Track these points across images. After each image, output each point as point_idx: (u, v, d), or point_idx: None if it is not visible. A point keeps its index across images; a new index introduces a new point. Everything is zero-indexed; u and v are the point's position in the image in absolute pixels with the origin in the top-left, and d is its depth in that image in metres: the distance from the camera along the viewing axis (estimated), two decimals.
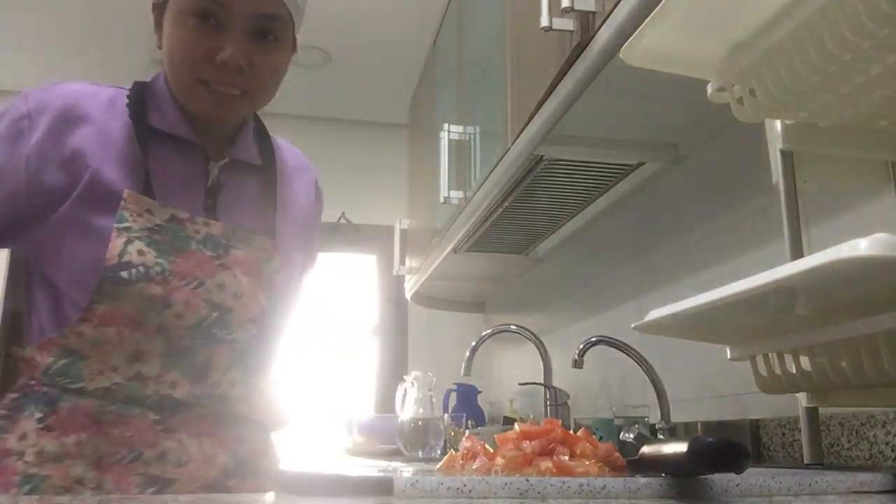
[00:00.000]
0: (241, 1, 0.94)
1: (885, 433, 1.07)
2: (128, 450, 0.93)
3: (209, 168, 1.04)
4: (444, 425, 2.32)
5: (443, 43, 2.67)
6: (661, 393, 1.62)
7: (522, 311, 2.90)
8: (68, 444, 0.91)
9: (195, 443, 0.97)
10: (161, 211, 0.97)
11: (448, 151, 2.21)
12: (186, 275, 0.96)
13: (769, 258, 1.35)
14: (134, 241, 0.94)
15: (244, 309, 1.00)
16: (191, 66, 0.96)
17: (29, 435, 0.92)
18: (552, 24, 1.29)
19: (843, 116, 0.90)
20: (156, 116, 1.02)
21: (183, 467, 0.95)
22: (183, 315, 0.95)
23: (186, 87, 0.98)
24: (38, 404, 0.93)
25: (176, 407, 0.96)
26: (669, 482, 0.58)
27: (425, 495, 0.57)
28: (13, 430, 0.93)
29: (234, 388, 1.00)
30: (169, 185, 1.00)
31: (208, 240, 0.99)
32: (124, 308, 0.92)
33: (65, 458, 0.91)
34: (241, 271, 1.01)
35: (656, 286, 1.82)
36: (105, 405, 0.93)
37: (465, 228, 2.18)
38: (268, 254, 1.05)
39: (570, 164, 1.75)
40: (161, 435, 0.94)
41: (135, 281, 0.92)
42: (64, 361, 0.93)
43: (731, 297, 0.77)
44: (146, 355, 0.94)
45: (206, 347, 0.97)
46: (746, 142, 1.46)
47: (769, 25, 0.84)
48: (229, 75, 0.96)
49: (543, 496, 0.57)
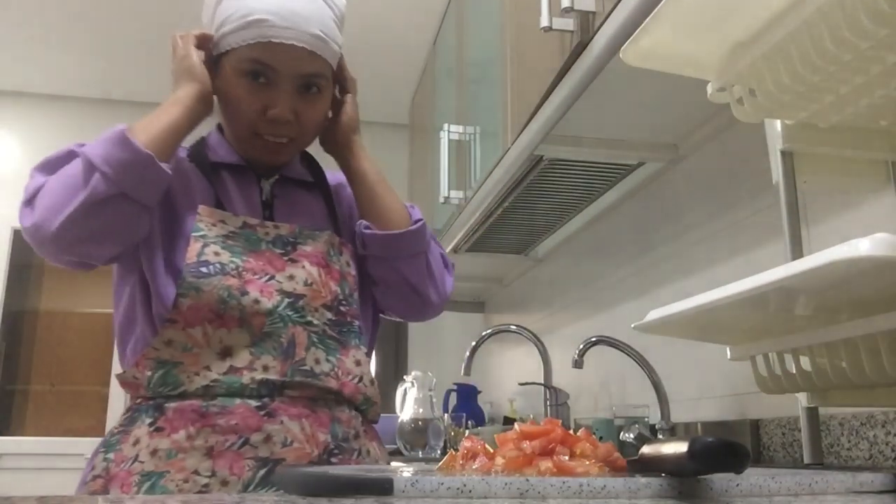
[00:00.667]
0: (288, 65, 1.06)
1: (885, 433, 1.07)
2: (236, 437, 0.99)
3: (261, 185, 1.16)
4: (444, 425, 2.32)
5: (443, 43, 2.67)
6: (661, 393, 1.62)
7: (522, 311, 2.90)
8: (179, 439, 0.98)
9: (296, 423, 1.03)
10: (233, 220, 1.08)
11: (448, 151, 2.21)
12: (258, 270, 1.05)
13: (769, 258, 1.35)
14: (210, 244, 1.04)
15: (316, 295, 1.07)
16: (246, 121, 1.09)
17: (142, 439, 1.00)
18: (552, 24, 1.29)
19: (843, 116, 0.90)
20: (213, 155, 1.16)
21: (288, 447, 1.01)
22: (259, 300, 1.03)
23: (243, 138, 1.12)
24: (147, 413, 1.02)
25: (273, 390, 1.02)
26: (669, 482, 0.58)
27: (425, 495, 0.57)
28: (126, 440, 1.01)
29: (319, 364, 1.06)
30: (233, 201, 1.12)
31: (277, 240, 1.09)
32: (205, 299, 1.01)
33: (178, 453, 0.98)
34: (310, 262, 1.09)
35: (656, 286, 1.82)
36: (207, 401, 1.00)
37: (465, 228, 2.18)
38: (336, 248, 1.14)
39: (570, 164, 1.75)
40: (264, 419, 1.01)
41: (212, 274, 1.02)
42: (161, 372, 1.01)
43: (731, 297, 0.77)
44: (234, 349, 1.02)
45: (286, 329, 1.04)
46: (746, 142, 1.46)
47: (769, 25, 0.84)
48: (279, 128, 1.09)
49: (543, 496, 0.57)
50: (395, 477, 0.58)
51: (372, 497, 0.57)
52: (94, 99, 4.06)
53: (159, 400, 1.01)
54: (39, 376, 3.92)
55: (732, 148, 1.53)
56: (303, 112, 1.09)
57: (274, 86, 1.06)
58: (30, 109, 4.03)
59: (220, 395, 1.00)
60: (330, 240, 1.13)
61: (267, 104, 1.07)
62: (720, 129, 1.55)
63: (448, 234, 2.33)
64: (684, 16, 0.85)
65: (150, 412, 1.01)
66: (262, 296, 1.03)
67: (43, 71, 3.81)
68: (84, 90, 4.00)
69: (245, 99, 1.07)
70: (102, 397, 3.81)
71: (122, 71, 3.78)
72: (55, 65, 3.74)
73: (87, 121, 4.06)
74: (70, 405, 3.91)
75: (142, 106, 4.08)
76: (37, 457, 3.66)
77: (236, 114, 1.09)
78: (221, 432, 0.99)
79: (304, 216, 1.16)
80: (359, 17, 3.23)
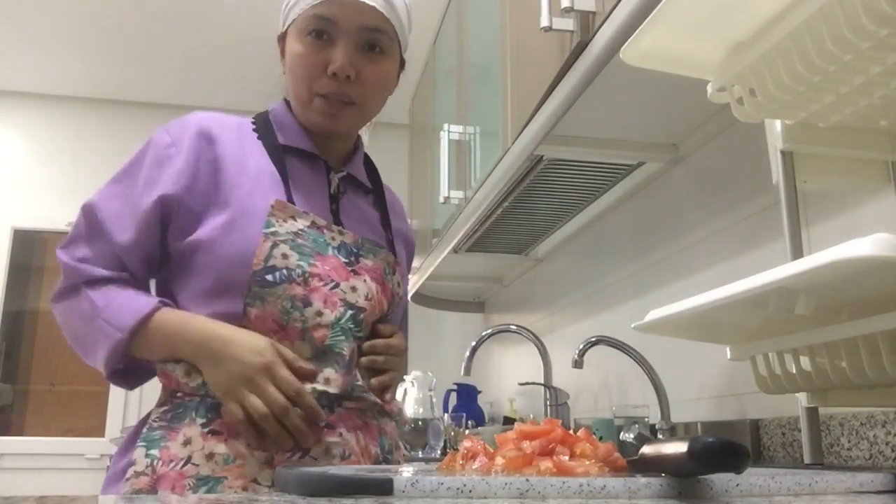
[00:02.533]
0: (347, 14, 1.05)
1: (885, 433, 1.07)
2: (296, 447, 0.98)
3: (330, 178, 1.14)
4: (444, 425, 2.32)
5: (443, 43, 2.67)
6: (661, 393, 1.62)
7: (522, 311, 2.90)
8: (238, 445, 0.97)
9: (353, 436, 1.03)
10: (303, 217, 1.06)
11: (448, 151, 2.21)
12: (324, 276, 1.04)
13: (769, 258, 1.35)
14: (279, 244, 1.02)
15: (373, 310, 1.08)
16: (307, 80, 1.08)
17: (194, 440, 0.97)
18: (552, 24, 1.29)
19: (843, 116, 0.90)
20: (281, 135, 1.13)
21: (346, 460, 1.01)
22: (322, 312, 1.02)
23: (304, 100, 1.10)
24: (199, 411, 0.99)
25: (332, 402, 1.02)
26: (669, 482, 0.58)
27: (425, 495, 0.57)
28: (174, 437, 0.98)
29: (367, 379, 1.08)
30: (302, 192, 1.09)
31: (342, 247, 1.08)
32: (269, 310, 1.00)
33: (237, 459, 0.96)
34: (370, 277, 1.10)
35: (656, 286, 1.82)
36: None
37: (465, 228, 2.18)
38: (391, 267, 1.15)
39: (570, 164, 1.75)
40: (324, 431, 1.00)
41: (279, 283, 1.00)
42: None
43: (731, 297, 0.77)
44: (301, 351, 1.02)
45: (348, 342, 1.04)
46: (746, 142, 1.46)
47: (769, 25, 0.84)
48: (340, 86, 1.07)
49: (543, 496, 0.57)
50: (395, 477, 0.58)
51: (372, 497, 0.57)
52: (94, 99, 4.06)
53: (210, 400, 0.99)
54: (39, 376, 3.92)
55: (732, 148, 1.53)
56: (364, 70, 1.07)
57: (335, 43, 1.06)
58: (30, 109, 4.03)
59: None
60: (387, 258, 1.14)
61: (328, 61, 1.06)
62: (720, 129, 1.55)
63: (448, 234, 2.33)
64: (684, 16, 0.85)
65: (201, 411, 0.98)
66: (325, 307, 1.02)
67: (43, 71, 3.81)
68: (85, 90, 4.00)
69: (307, 57, 1.06)
70: (102, 397, 3.81)
71: (123, 71, 3.78)
72: (56, 65, 3.74)
73: (87, 121, 4.06)
74: (70, 405, 3.91)
75: (142, 106, 4.10)
76: (37, 457, 3.67)
77: (298, 76, 1.08)
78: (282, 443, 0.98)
79: (364, 224, 1.16)
80: None
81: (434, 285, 3.05)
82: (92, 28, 3.39)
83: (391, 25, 1.09)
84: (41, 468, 3.62)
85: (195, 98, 3.93)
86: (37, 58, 3.67)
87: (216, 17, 3.22)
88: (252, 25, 3.22)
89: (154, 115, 4.12)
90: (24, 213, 3.86)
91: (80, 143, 4.03)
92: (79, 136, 4.04)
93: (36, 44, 3.54)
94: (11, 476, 3.62)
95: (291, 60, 1.09)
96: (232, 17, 3.19)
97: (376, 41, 1.08)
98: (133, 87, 3.88)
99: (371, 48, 1.08)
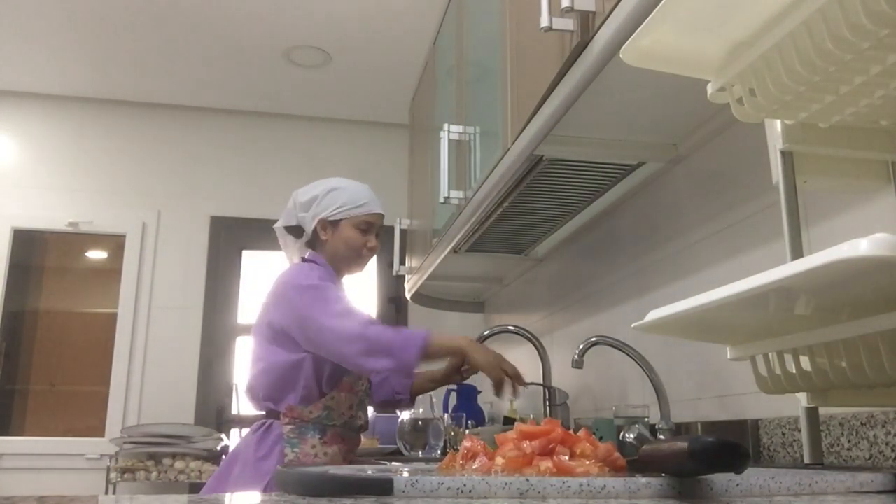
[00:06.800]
0: (378, 222, 2.01)
1: (885, 433, 1.07)
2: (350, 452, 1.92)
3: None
4: (444, 425, 2.32)
5: (443, 43, 2.67)
6: (661, 393, 1.62)
7: (522, 311, 2.90)
8: (338, 450, 1.86)
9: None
10: None
11: (448, 151, 2.21)
12: None
13: (769, 258, 1.35)
14: None
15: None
16: (358, 251, 1.98)
17: (317, 446, 1.83)
18: (552, 24, 1.29)
19: (843, 116, 0.90)
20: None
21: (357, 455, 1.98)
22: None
23: (353, 262, 2.00)
24: (315, 430, 1.84)
25: (360, 429, 1.97)
26: (669, 482, 0.58)
27: (425, 495, 0.57)
28: (304, 442, 1.83)
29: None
30: None
31: None
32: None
33: (336, 457, 1.85)
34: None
35: (656, 286, 1.82)
36: (345, 431, 1.90)
37: (465, 228, 2.18)
38: None
39: (569, 164, 1.75)
40: (357, 442, 1.99)
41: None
42: (326, 412, 1.86)
43: (731, 297, 0.77)
44: (355, 406, 1.91)
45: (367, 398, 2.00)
46: (746, 142, 1.46)
47: (769, 25, 0.84)
48: (371, 252, 2.00)
49: (543, 496, 0.57)
50: (395, 477, 0.58)
51: (372, 497, 0.57)
52: (94, 99, 4.06)
53: (320, 425, 1.84)
54: (39, 376, 3.92)
55: (732, 148, 1.53)
56: (376, 245, 2.01)
57: (371, 231, 1.98)
58: (30, 109, 4.03)
59: (349, 428, 1.91)
60: None
61: (367, 242, 1.97)
62: (720, 129, 1.55)
63: (448, 235, 2.33)
64: (684, 16, 0.85)
65: (316, 430, 1.84)
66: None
67: (43, 71, 3.80)
68: (85, 90, 4.00)
69: (359, 239, 1.97)
70: (102, 397, 3.80)
71: (123, 71, 3.78)
72: (56, 65, 3.74)
73: (87, 121, 4.06)
74: (70, 405, 3.91)
75: (142, 106, 4.09)
76: (37, 457, 3.66)
77: (352, 248, 1.96)
78: (349, 448, 1.90)
79: None
80: (359, 17, 3.23)
81: (434, 285, 3.05)
82: (92, 28, 3.39)
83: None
84: (41, 468, 3.62)
85: (195, 98, 3.93)
86: (37, 58, 3.67)
87: (216, 17, 3.22)
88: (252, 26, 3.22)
89: (154, 115, 4.12)
90: (24, 213, 3.86)
91: (80, 143, 4.03)
92: (79, 136, 4.04)
93: (36, 44, 3.53)
94: (11, 476, 3.62)
95: (348, 240, 1.96)
96: (231, 17, 3.19)
97: (380, 230, 2.02)
98: (133, 87, 3.88)
99: (377, 234, 2.02)
